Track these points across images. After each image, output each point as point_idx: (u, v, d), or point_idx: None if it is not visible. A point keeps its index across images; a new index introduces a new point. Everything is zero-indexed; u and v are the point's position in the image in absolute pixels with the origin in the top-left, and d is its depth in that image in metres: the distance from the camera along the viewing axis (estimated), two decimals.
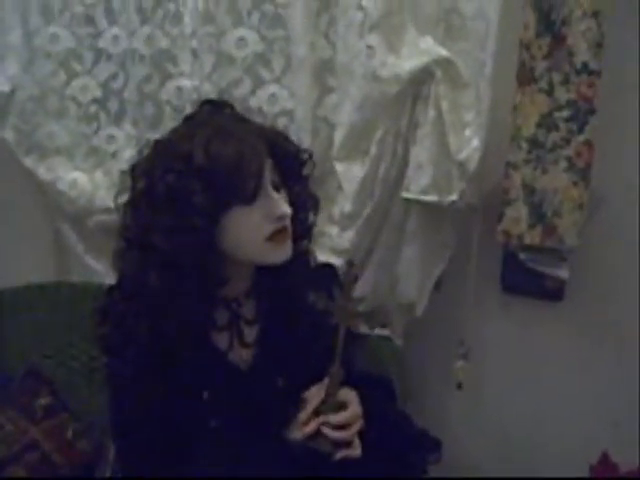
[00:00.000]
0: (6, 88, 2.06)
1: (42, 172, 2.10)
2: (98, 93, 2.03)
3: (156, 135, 1.44)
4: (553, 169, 1.68)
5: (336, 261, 1.85)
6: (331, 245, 1.87)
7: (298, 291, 1.42)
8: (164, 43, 1.93)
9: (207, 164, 1.25)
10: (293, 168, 1.39)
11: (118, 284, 1.36)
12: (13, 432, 1.83)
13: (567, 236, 1.70)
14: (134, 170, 1.33)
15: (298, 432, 1.34)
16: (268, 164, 1.31)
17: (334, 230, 1.88)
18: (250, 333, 1.42)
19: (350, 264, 1.44)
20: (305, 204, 1.42)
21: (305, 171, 1.43)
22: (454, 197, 1.75)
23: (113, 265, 1.36)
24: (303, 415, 1.34)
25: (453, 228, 1.87)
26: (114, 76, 2.01)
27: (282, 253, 1.33)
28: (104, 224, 2.00)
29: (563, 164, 1.67)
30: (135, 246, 1.31)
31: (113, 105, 2.03)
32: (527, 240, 1.72)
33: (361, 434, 1.36)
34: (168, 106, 1.96)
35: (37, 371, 1.98)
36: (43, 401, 1.92)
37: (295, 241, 1.37)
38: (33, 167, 2.10)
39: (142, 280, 1.29)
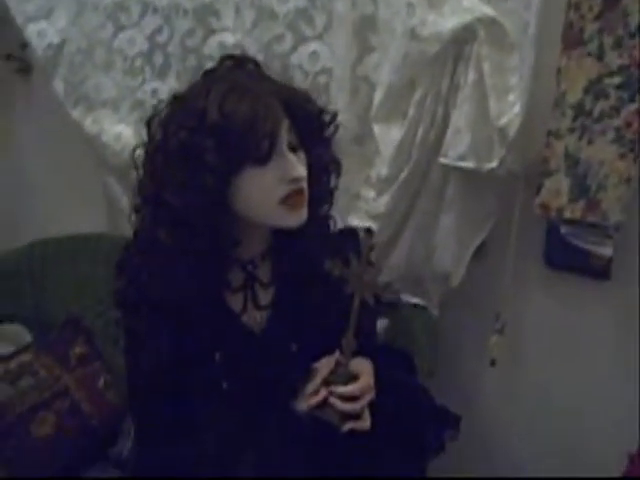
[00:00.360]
0: (56, 40, 2.09)
1: (88, 124, 2.12)
2: (144, 46, 2.03)
3: None
4: (600, 139, 1.56)
5: (371, 225, 1.83)
6: (366, 209, 1.83)
7: (315, 256, 1.36)
8: None
9: (220, 122, 1.22)
10: (313, 129, 1.34)
11: (134, 239, 1.36)
12: (46, 378, 1.88)
13: (611, 212, 1.59)
14: (150, 124, 1.31)
15: (305, 402, 1.31)
16: (284, 124, 1.27)
17: (370, 193, 1.82)
18: (265, 296, 1.40)
19: (369, 232, 1.40)
20: (326, 167, 1.38)
21: (327, 133, 1.38)
22: (493, 164, 1.66)
23: (129, 220, 1.36)
24: (311, 386, 1.31)
25: (495, 197, 1.78)
26: (159, 29, 1.99)
27: (296, 217, 1.29)
28: None
29: (611, 134, 1.55)
30: (148, 202, 1.30)
31: (158, 59, 2.02)
32: (567, 214, 1.62)
33: (374, 406, 1.33)
34: (210, 61, 1.92)
35: (75, 320, 2.03)
36: (78, 350, 1.97)
37: (313, 205, 1.33)
38: (80, 119, 2.12)
39: (154, 236, 1.28)
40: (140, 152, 1.33)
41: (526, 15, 1.56)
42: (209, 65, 1.86)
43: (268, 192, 1.26)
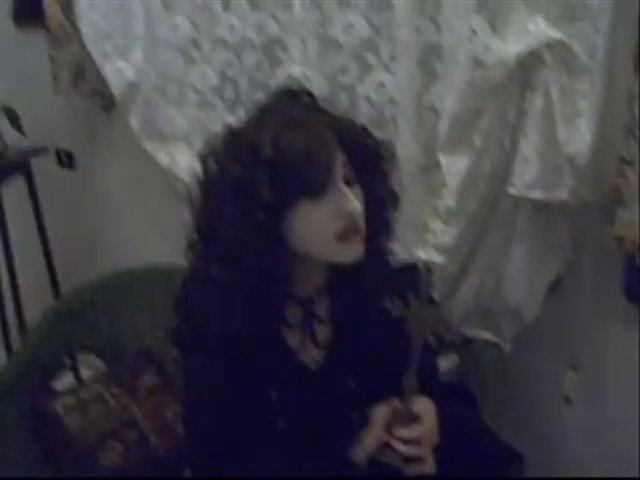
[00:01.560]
0: (133, 77, 2.15)
1: (162, 158, 2.16)
2: (215, 81, 2.05)
3: None
4: None
5: (438, 259, 1.78)
6: (434, 242, 1.77)
7: (373, 292, 1.33)
8: (274, 30, 1.91)
9: (274, 156, 1.19)
10: (369, 163, 1.31)
11: (190, 276, 1.36)
12: (115, 408, 1.91)
13: None
14: (205, 158, 1.31)
15: (362, 452, 1.26)
16: (339, 157, 1.24)
17: (438, 225, 1.77)
18: (322, 333, 1.37)
19: (428, 269, 1.36)
20: (383, 201, 1.34)
21: (385, 166, 1.34)
22: (564, 194, 1.59)
23: (185, 256, 1.36)
24: (370, 436, 1.26)
25: (568, 228, 1.70)
26: (229, 64, 2.01)
27: (352, 252, 1.25)
28: None
29: None
30: (203, 237, 1.29)
31: (229, 92, 2.04)
32: None
33: (437, 449, 1.27)
34: None
35: (148, 351, 2.06)
36: (149, 381, 1.99)
37: (370, 239, 1.29)
38: (154, 153, 2.17)
39: (208, 272, 1.27)
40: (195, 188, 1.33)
41: (595, 37, 1.49)
42: None
43: (323, 227, 1.23)
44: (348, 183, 1.25)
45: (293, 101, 1.34)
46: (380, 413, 1.27)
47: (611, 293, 1.75)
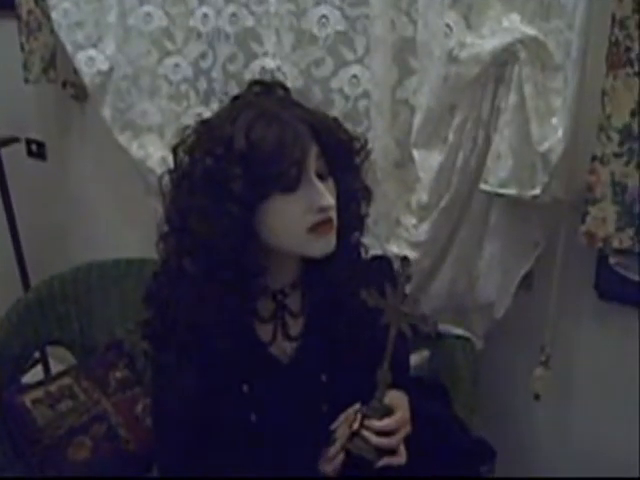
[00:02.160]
0: (104, 67, 2.12)
1: (134, 149, 2.14)
2: (188, 72, 2.03)
3: None
4: None
5: (411, 254, 1.77)
6: (407, 237, 1.77)
7: (346, 285, 1.32)
8: (249, 22, 1.89)
9: (247, 149, 1.19)
10: (343, 157, 1.30)
11: (161, 268, 1.34)
12: (85, 402, 1.89)
13: None
14: (176, 150, 1.29)
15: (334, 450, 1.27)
16: (313, 151, 1.23)
17: (411, 221, 1.77)
18: (295, 326, 1.37)
19: (405, 261, 1.35)
20: (355, 195, 1.33)
21: (358, 160, 1.34)
22: (537, 191, 1.58)
23: (156, 248, 1.34)
24: (333, 449, 1.27)
25: (540, 224, 1.70)
26: (203, 55, 1.99)
27: (324, 245, 1.25)
28: None
29: None
30: (174, 229, 1.28)
31: (202, 84, 2.02)
32: (615, 244, 1.53)
33: (409, 440, 1.27)
34: None
35: (118, 345, 2.04)
36: (119, 374, 1.98)
37: (342, 233, 1.28)
38: (126, 144, 2.14)
39: (179, 265, 1.26)
40: (166, 179, 1.32)
41: (569, 35, 1.48)
42: None
43: (295, 221, 1.22)
44: (321, 177, 1.24)
45: (266, 94, 1.33)
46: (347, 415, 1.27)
47: (582, 289, 1.77)
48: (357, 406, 1.26)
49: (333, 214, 1.25)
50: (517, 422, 1.92)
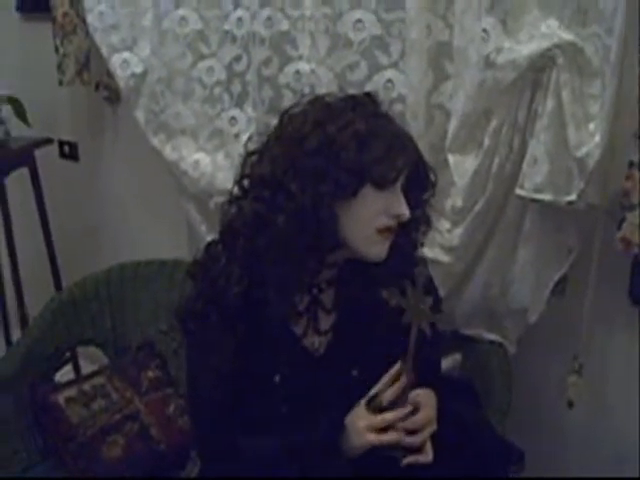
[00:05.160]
0: (139, 69, 2.14)
1: (168, 152, 2.16)
2: (222, 75, 2.04)
3: (274, 119, 1.41)
4: None
5: (445, 258, 1.77)
6: (441, 241, 1.77)
7: (376, 284, 1.35)
8: (284, 25, 1.90)
9: (366, 132, 1.27)
10: (421, 182, 1.39)
11: (219, 238, 1.38)
12: (118, 402, 1.90)
13: None
14: (286, 113, 1.36)
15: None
16: (406, 169, 1.32)
17: (445, 225, 1.77)
18: (326, 321, 1.41)
19: (423, 262, 1.43)
20: (417, 225, 1.41)
21: (428, 194, 1.41)
22: (572, 197, 1.58)
23: (221, 214, 1.38)
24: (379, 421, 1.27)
25: (575, 230, 1.70)
26: (237, 58, 2.00)
27: (380, 251, 1.33)
28: None
29: None
30: (267, 186, 1.29)
31: (236, 87, 2.03)
32: None
33: (435, 439, 1.30)
34: (287, 89, 1.93)
35: (150, 345, 2.06)
36: (151, 374, 1.99)
37: (394, 252, 1.35)
38: (160, 147, 2.16)
39: (269, 219, 1.27)
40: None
41: (608, 40, 1.48)
42: (286, 94, 1.92)
43: (371, 216, 1.29)
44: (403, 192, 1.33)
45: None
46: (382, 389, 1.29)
47: (616, 296, 1.76)
48: (396, 367, 1.29)
49: (396, 226, 1.32)
50: (549, 428, 1.91)
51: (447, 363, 1.80)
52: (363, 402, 1.29)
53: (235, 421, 1.37)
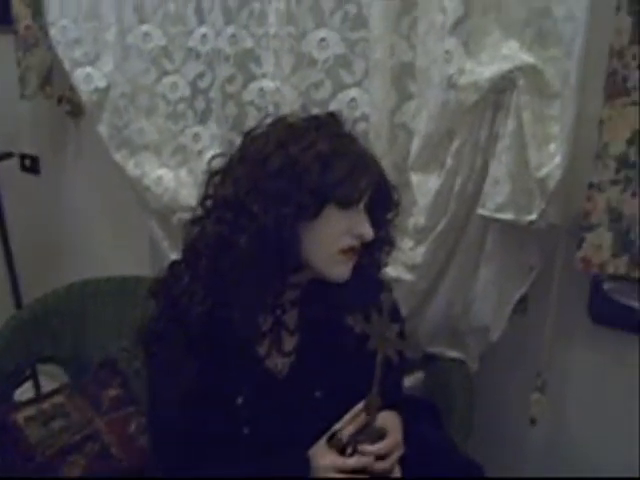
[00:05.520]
0: (102, 84, 2.12)
1: (131, 168, 2.14)
2: (186, 91, 2.03)
3: (238, 136, 1.44)
4: None
5: (407, 276, 1.78)
6: (403, 259, 1.77)
7: (340, 308, 1.35)
8: (248, 43, 1.89)
9: (329, 152, 1.27)
10: (384, 203, 1.39)
11: (184, 255, 1.37)
12: (78, 421, 1.88)
13: None
14: (249, 134, 1.36)
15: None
16: (370, 189, 1.33)
17: (408, 244, 1.78)
18: (290, 342, 1.41)
19: (388, 289, 1.42)
20: (380, 245, 1.41)
21: (392, 215, 1.42)
22: (533, 216, 1.60)
23: (185, 233, 1.38)
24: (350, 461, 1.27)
25: (536, 249, 1.72)
26: (201, 75, 2.00)
27: (343, 272, 1.33)
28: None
29: None
30: (230, 207, 1.29)
31: (200, 104, 2.02)
32: (610, 269, 1.55)
33: (402, 459, 1.30)
34: (251, 107, 1.92)
35: (112, 363, 2.03)
36: (112, 392, 1.97)
37: (358, 272, 1.35)
38: (123, 162, 2.14)
39: (231, 241, 1.27)
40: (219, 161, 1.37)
41: (568, 63, 1.51)
42: (250, 111, 1.91)
43: (334, 236, 1.29)
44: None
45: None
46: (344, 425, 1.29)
47: (576, 314, 1.78)
48: (361, 405, 1.28)
49: (359, 247, 1.33)
50: (511, 445, 1.93)
51: (409, 382, 1.81)
52: (324, 439, 1.29)
53: (196, 442, 1.35)
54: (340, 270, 1.32)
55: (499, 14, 1.59)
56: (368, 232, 1.31)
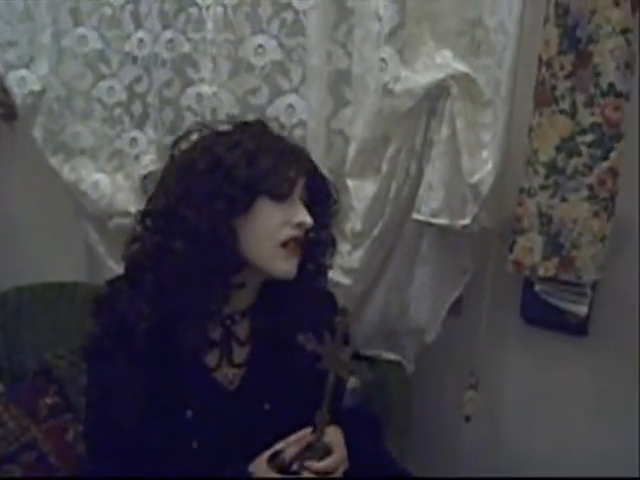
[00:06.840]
0: (37, 87, 2.09)
1: (66, 172, 2.11)
2: (123, 96, 2.02)
3: None
4: (573, 197, 1.54)
5: (345, 280, 1.81)
6: (341, 263, 1.79)
7: (291, 323, 1.36)
8: (186, 48, 1.89)
9: (254, 149, 1.30)
10: (322, 197, 1.42)
11: (123, 275, 1.36)
12: (14, 430, 1.84)
13: (585, 270, 1.56)
14: (175, 146, 1.40)
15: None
16: (303, 178, 1.35)
17: (345, 248, 1.80)
18: (240, 354, 1.40)
19: (344, 312, 1.43)
20: (323, 242, 1.43)
21: (332, 211, 1.45)
22: (467, 221, 1.65)
23: (125, 251, 1.36)
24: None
25: (469, 252, 1.77)
26: (138, 79, 1.99)
27: (288, 267, 1.33)
28: (123, 227, 1.97)
29: (584, 192, 1.53)
30: (164, 216, 1.30)
31: (137, 108, 2.01)
32: (541, 272, 1.60)
33: (345, 474, 1.32)
34: (188, 112, 1.92)
35: (48, 370, 1.99)
36: (49, 401, 1.93)
37: (303, 274, 1.36)
38: (58, 167, 2.11)
39: (168, 247, 1.27)
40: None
41: (499, 72, 1.56)
42: (187, 116, 1.91)
43: (273, 230, 1.31)
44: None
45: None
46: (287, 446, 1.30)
47: (509, 315, 1.84)
48: (308, 430, 1.29)
49: (302, 236, 1.33)
50: (449, 443, 1.97)
51: (349, 384, 1.82)
52: (265, 456, 1.29)
53: (143, 455, 1.32)
54: (284, 266, 1.32)
55: (434, 24, 1.64)
56: (306, 219, 1.32)
